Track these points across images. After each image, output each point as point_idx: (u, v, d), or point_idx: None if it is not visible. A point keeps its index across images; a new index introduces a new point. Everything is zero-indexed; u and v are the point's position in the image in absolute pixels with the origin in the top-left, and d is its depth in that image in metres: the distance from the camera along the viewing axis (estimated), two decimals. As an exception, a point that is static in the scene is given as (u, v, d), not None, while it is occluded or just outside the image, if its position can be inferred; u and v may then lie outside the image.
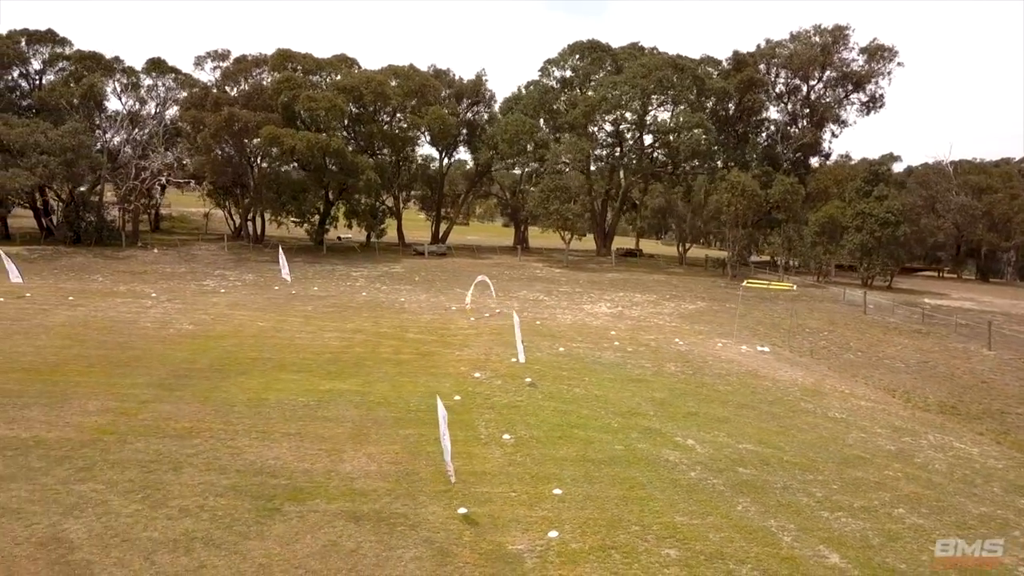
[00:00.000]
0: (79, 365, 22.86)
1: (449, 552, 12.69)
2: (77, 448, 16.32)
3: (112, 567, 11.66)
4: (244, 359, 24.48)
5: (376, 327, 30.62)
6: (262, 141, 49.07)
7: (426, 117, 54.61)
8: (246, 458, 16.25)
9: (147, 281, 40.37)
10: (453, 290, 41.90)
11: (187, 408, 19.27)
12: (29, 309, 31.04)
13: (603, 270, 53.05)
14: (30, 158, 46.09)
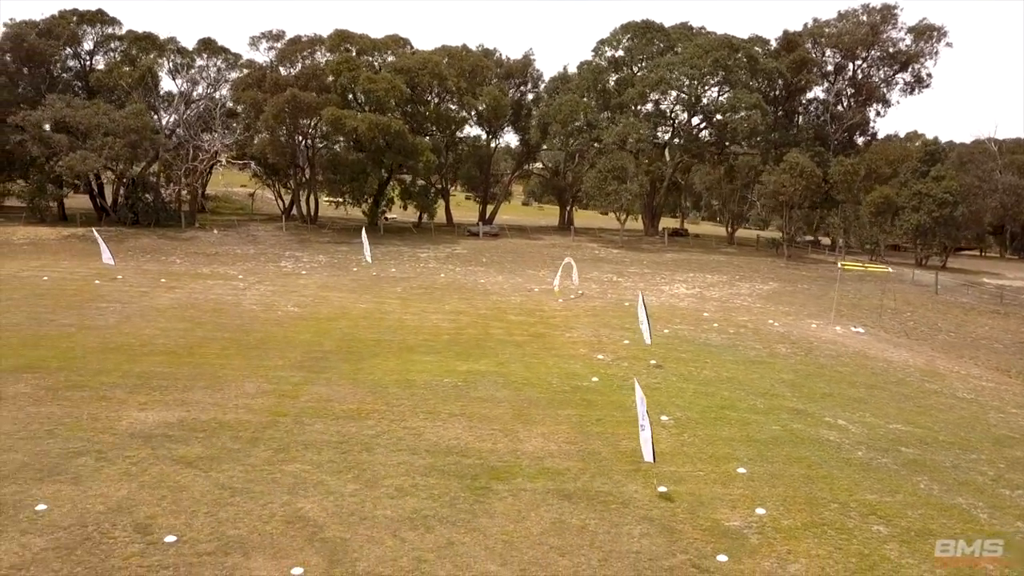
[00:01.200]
0: (213, 348, 23.30)
1: (673, 528, 13.13)
2: (261, 430, 16.76)
3: (366, 544, 12.11)
4: (367, 341, 24.90)
5: (474, 309, 31.01)
6: (323, 122, 49.20)
7: (481, 98, 54.69)
8: (427, 438, 16.70)
9: (225, 263, 40.75)
10: (525, 271, 42.26)
11: (342, 390, 19.70)
12: (130, 291, 31.46)
13: (659, 250, 53.34)
14: (95, 140, 46.28)
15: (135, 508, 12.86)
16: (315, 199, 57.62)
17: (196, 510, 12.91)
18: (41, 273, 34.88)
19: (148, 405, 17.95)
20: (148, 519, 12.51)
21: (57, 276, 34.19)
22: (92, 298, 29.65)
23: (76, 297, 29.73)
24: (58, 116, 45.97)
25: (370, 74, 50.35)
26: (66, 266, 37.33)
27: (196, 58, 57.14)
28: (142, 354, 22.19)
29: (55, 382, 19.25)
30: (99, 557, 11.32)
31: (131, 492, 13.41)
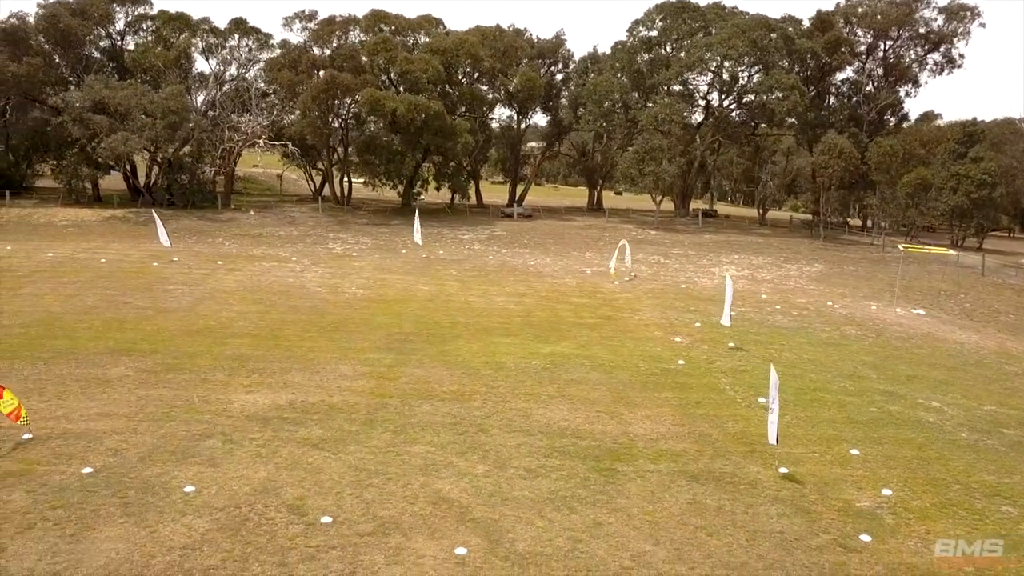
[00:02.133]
0: (293, 330, 23.48)
1: (807, 509, 13.33)
2: (372, 412, 16.96)
3: (517, 525, 12.33)
4: (443, 323, 25.06)
5: (535, 291, 31.15)
6: (361, 103, 49.08)
7: (516, 78, 54.51)
8: (537, 420, 16.89)
9: (273, 244, 40.87)
10: (571, 253, 42.36)
11: (436, 372, 19.89)
12: (191, 273, 31.61)
13: (695, 231, 53.36)
14: (135, 121, 46.22)
15: (280, 489, 13.07)
16: (348, 180, 57.57)
17: (340, 491, 13.11)
18: (96, 255, 35.02)
19: (253, 388, 18.13)
20: (297, 500, 12.72)
21: (114, 258, 34.33)
22: (156, 280, 29.81)
23: (140, 279, 29.89)
24: (97, 97, 45.82)
25: (407, 55, 50.11)
26: (118, 248, 37.45)
27: (228, 38, 56.86)
28: (227, 336, 22.37)
29: (153, 365, 19.44)
30: (265, 537, 11.54)
31: (270, 474, 13.61)
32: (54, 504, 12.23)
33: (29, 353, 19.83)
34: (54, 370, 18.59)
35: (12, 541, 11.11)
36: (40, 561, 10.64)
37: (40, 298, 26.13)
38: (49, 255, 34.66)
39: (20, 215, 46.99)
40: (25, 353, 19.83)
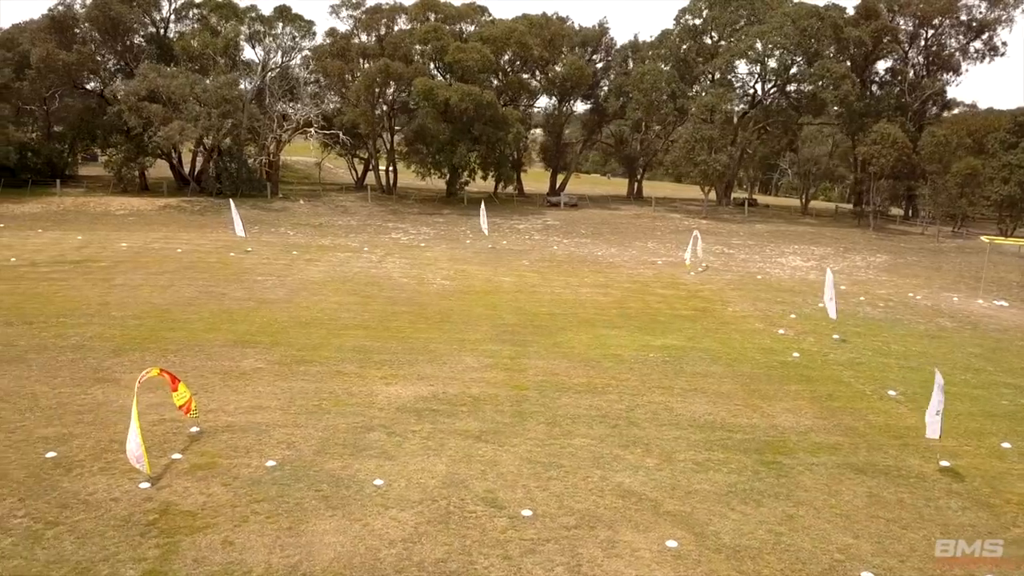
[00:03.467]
0: (401, 321, 23.61)
1: (987, 503, 13.45)
2: (516, 403, 17.13)
3: (713, 518, 12.47)
4: (541, 315, 25.18)
5: (616, 282, 31.25)
6: (415, 93, 49.00)
7: (564, 67, 54.38)
8: (680, 413, 17.02)
9: (336, 234, 40.96)
10: (633, 243, 42.40)
11: (559, 364, 20.01)
12: (272, 264, 31.73)
13: (743, 221, 53.30)
14: (190, 110, 46.23)
15: (466, 483, 13.22)
16: (394, 169, 57.57)
17: (525, 484, 13.26)
18: (169, 245, 35.17)
19: (389, 380, 18.28)
20: (488, 493, 12.88)
21: (188, 248, 34.46)
22: (242, 271, 29.95)
23: (226, 270, 30.04)
24: (152, 86, 45.81)
25: (459, 44, 49.98)
26: (186, 237, 37.59)
27: (272, 26, 56.69)
28: (340, 328, 22.50)
29: (280, 357, 19.60)
30: (476, 531, 11.69)
31: (449, 467, 13.77)
32: (255, 497, 12.38)
33: (155, 346, 19.99)
34: (188, 363, 18.74)
35: (235, 534, 11.28)
36: (271, 555, 10.81)
37: (136, 289, 26.27)
38: (123, 245, 34.80)
39: (75, 204, 47.13)
40: (151, 346, 19.99)
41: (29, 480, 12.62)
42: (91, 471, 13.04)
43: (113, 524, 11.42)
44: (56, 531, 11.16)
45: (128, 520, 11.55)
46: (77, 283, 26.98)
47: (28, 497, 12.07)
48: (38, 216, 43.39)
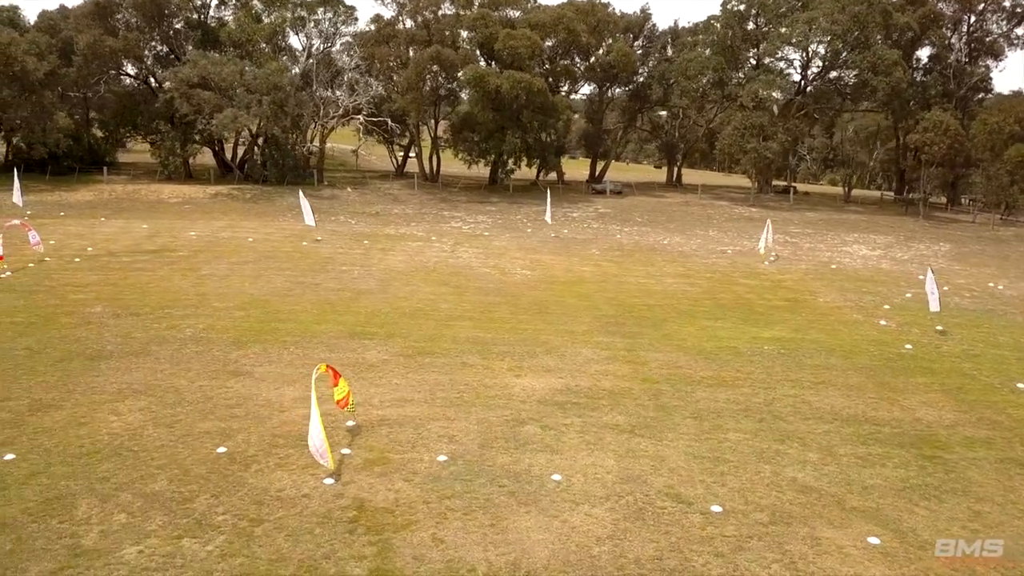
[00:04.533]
0: (503, 313, 23.57)
1: None
2: (653, 397, 17.08)
3: (904, 514, 12.40)
4: (637, 306, 25.11)
5: (695, 272, 31.17)
6: (466, 80, 48.72)
7: (612, 53, 54.02)
8: (817, 406, 16.95)
9: (398, 223, 40.89)
10: (694, 231, 42.25)
11: (677, 357, 19.95)
12: (350, 254, 31.68)
13: (792, 209, 53.04)
14: (241, 97, 46.03)
15: (643, 478, 13.19)
16: (437, 157, 57.38)
17: (702, 480, 13.22)
18: (237, 234, 35.12)
19: (517, 372, 18.24)
20: (668, 488, 12.84)
21: (258, 238, 34.42)
22: (323, 261, 29.94)
23: (307, 260, 30.01)
24: (204, 73, 45.60)
25: (509, 30, 49.63)
26: (251, 226, 37.55)
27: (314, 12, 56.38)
28: (445, 319, 22.48)
29: (401, 348, 19.58)
30: (677, 528, 11.66)
31: (618, 462, 13.73)
32: (444, 494, 12.36)
33: (272, 338, 19.97)
34: (313, 355, 18.69)
35: (441, 531, 11.26)
36: (487, 552, 10.79)
37: (226, 280, 26.25)
38: (192, 234, 34.77)
39: (125, 192, 47.12)
40: (268, 338, 19.97)
41: (213, 476, 12.61)
42: (268, 467, 13.01)
43: (316, 521, 11.39)
44: (264, 528, 11.14)
45: (329, 517, 11.53)
46: (164, 273, 26.95)
47: (221, 494, 12.05)
48: (93, 204, 43.38)
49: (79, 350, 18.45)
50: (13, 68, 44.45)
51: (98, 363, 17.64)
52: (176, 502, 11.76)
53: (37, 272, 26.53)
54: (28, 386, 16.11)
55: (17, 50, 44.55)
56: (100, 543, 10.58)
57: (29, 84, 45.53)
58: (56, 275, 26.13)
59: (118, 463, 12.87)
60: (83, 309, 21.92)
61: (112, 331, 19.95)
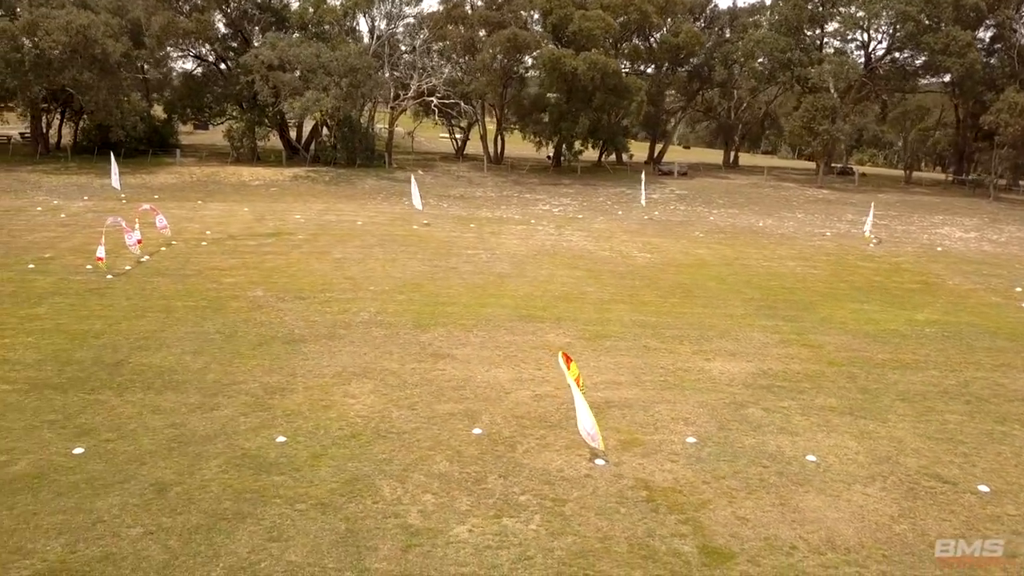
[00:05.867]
0: (651, 296, 23.88)
1: None
2: (850, 380, 17.35)
3: None
4: (779, 288, 25.41)
5: (808, 254, 31.47)
6: (541, 61, 48.69)
7: (681, 35, 53.90)
8: (1010, 387, 17.24)
9: (488, 207, 41.12)
10: (780, 214, 42.44)
11: (849, 340, 20.22)
12: (466, 238, 31.97)
13: (863, 191, 53.04)
14: (320, 80, 46.14)
15: (894, 458, 13.51)
16: (501, 139, 57.47)
17: (951, 460, 13.53)
18: (342, 218, 35.41)
19: (705, 355, 18.60)
20: (924, 468, 13.15)
21: (366, 222, 34.72)
22: (445, 244, 30.27)
23: (428, 243, 30.34)
24: (284, 55, 45.69)
25: (584, 12, 49.53)
26: (349, 209, 37.84)
27: (381, -6, 56.28)
28: (600, 303, 22.81)
29: (578, 332, 19.96)
30: (958, 506, 12.02)
31: (860, 442, 14.05)
32: (715, 474, 12.72)
33: (448, 320, 20.39)
34: (500, 338, 19.13)
35: (738, 510, 11.61)
36: (795, 530, 11.13)
37: (364, 263, 26.58)
38: (297, 217, 35.09)
39: (204, 175, 47.40)
40: (444, 320, 20.39)
41: (487, 457, 12.98)
42: (533, 448, 13.38)
43: (615, 500, 11.77)
44: (570, 508, 11.52)
45: (624, 496, 11.90)
46: (297, 257, 27.29)
47: (508, 474, 12.42)
48: (179, 187, 43.70)
49: (271, 334, 18.81)
50: (93, 50, 44.53)
51: (298, 346, 18.00)
52: (470, 482, 12.13)
53: (174, 255, 26.90)
54: (248, 369, 16.49)
55: (96, 32, 44.62)
56: (426, 523, 10.96)
57: (108, 67, 45.63)
58: (194, 258, 26.49)
59: (389, 445, 13.25)
60: (245, 293, 22.27)
61: (289, 315, 20.31)
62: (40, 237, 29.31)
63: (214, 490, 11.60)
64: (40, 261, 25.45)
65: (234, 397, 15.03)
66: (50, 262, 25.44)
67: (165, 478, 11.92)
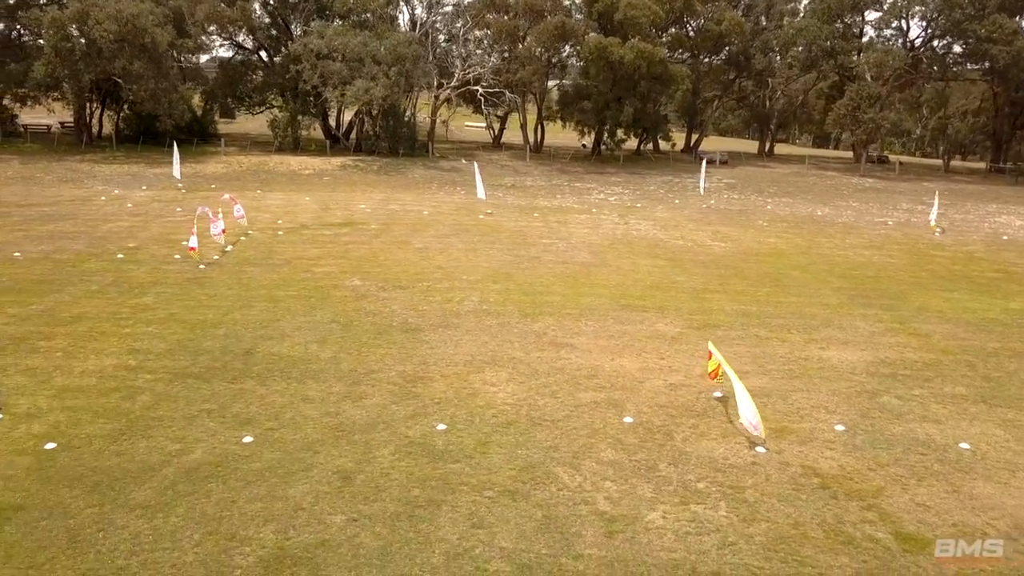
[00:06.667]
0: (740, 285, 23.96)
1: None
2: (970, 368, 17.45)
3: None
4: (863, 277, 25.56)
5: (878, 244, 31.50)
6: (588, 50, 48.60)
7: (724, 23, 53.74)
8: None
9: (543, 195, 41.23)
10: (835, 203, 42.50)
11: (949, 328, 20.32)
12: (534, 227, 32.11)
13: (905, 179, 53.02)
14: (370, 69, 46.14)
15: None
16: (542, 128, 57.45)
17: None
18: (406, 208, 35.54)
19: (819, 344, 18.70)
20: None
21: (432, 211, 34.87)
22: (518, 234, 30.39)
23: (501, 233, 30.47)
24: (332, 44, 45.70)
25: (629, 0, 49.36)
26: (409, 199, 37.97)
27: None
28: (693, 292, 22.95)
29: (684, 321, 20.09)
30: None
31: (1007, 431, 14.15)
32: (877, 462, 12.85)
33: (552, 310, 20.55)
34: (611, 328, 19.26)
35: (916, 497, 11.75)
36: (977, 516, 11.29)
37: (446, 253, 26.74)
38: (362, 207, 35.24)
39: (252, 164, 47.53)
40: (548, 310, 20.58)
41: (649, 445, 13.13)
42: (691, 436, 13.53)
43: (791, 487, 11.91)
44: (750, 495, 11.66)
45: (798, 483, 12.04)
46: (379, 246, 27.44)
47: (676, 462, 12.57)
48: (230, 176, 43.84)
49: (385, 323, 18.96)
50: (142, 39, 44.58)
51: (417, 335, 18.16)
52: (643, 469, 12.29)
53: (255, 245, 27.06)
54: (379, 358, 16.65)
55: (145, 21, 44.67)
56: (617, 509, 11.12)
57: (156, 56, 45.70)
58: (276, 248, 26.65)
59: (548, 432, 13.40)
60: (342, 283, 22.42)
61: (396, 304, 20.47)
62: (116, 227, 29.48)
63: (397, 478, 11.77)
64: (127, 251, 25.63)
65: (377, 385, 15.19)
66: (137, 252, 25.61)
67: (345, 466, 12.08)
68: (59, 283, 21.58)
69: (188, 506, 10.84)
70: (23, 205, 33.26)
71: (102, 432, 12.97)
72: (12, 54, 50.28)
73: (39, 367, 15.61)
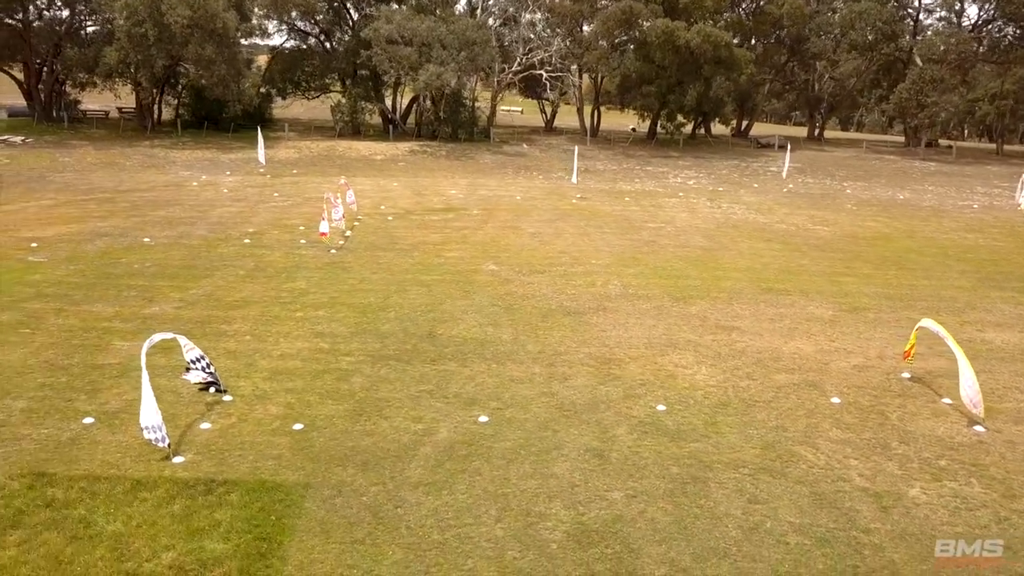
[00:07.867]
0: (865, 268, 24.25)
1: None
2: None
3: None
4: (979, 260, 25.89)
5: (974, 227, 31.79)
6: (652, 34, 48.61)
7: (784, 6, 53.66)
8: None
9: (620, 179, 41.55)
10: (909, 186, 42.72)
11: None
12: (632, 210, 32.47)
13: (957, 162, 53.04)
14: (439, 54, 46.26)
15: None
16: (597, 113, 57.56)
17: None
18: (496, 193, 35.80)
19: (975, 326, 19.02)
20: None
21: (524, 196, 35.17)
22: (620, 219, 30.73)
23: (603, 217, 30.84)
24: (401, 30, 45.82)
25: (695, -16, 49.42)
26: (493, 184, 38.27)
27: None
28: (822, 275, 23.26)
29: (832, 305, 20.38)
30: None
31: None
32: None
33: (699, 295, 20.92)
34: (764, 311, 19.56)
35: None
36: None
37: (563, 238, 27.03)
38: (453, 192, 35.52)
39: (320, 149, 47.80)
40: (693, 295, 20.90)
41: (868, 423, 13.48)
42: (906, 416, 13.85)
43: None
44: (996, 471, 12.01)
45: None
46: (492, 232, 27.74)
47: (906, 440, 12.92)
48: (305, 161, 44.16)
49: (545, 306, 19.32)
50: (214, 24, 44.74)
51: (581, 318, 18.52)
52: (878, 448, 12.64)
53: (372, 230, 27.41)
54: (558, 340, 16.99)
55: (216, 6, 44.81)
56: (876, 485, 11.49)
57: (226, 41, 45.89)
58: (395, 233, 27.00)
59: (766, 413, 13.76)
60: (480, 267, 22.77)
61: (543, 288, 20.80)
62: (226, 212, 29.86)
63: (648, 456, 12.14)
64: (251, 236, 25.99)
65: (573, 367, 15.55)
66: (261, 237, 25.98)
67: (592, 444, 12.46)
68: (204, 268, 21.93)
69: (467, 483, 11.20)
70: (122, 191, 33.65)
71: (338, 413, 13.33)
72: (77, 41, 50.49)
73: (238, 350, 15.96)
